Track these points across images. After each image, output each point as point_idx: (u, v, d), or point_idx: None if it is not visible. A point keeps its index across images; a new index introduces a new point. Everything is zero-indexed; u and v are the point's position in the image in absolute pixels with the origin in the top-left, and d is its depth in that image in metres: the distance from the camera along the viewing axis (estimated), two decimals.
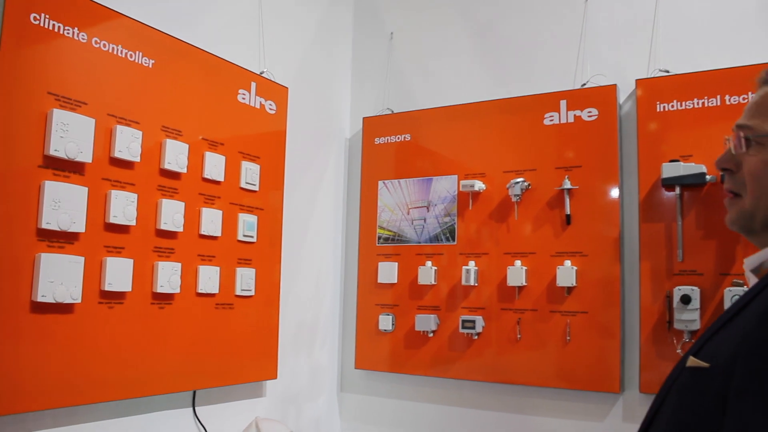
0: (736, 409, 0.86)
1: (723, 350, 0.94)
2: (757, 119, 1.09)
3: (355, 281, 3.19)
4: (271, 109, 2.73)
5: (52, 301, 1.82)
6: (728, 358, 0.91)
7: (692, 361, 0.99)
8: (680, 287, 2.36)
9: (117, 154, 2.05)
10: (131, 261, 2.08)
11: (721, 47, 2.47)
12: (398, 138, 3.14)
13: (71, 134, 1.89)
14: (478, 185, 2.82)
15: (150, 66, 2.21)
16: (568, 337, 2.59)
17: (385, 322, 3.01)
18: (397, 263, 3.04)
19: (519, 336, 2.69)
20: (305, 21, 3.12)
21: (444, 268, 2.92)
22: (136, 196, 2.10)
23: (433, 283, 2.90)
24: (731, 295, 2.23)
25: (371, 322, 3.08)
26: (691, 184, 2.36)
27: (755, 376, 0.86)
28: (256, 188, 2.61)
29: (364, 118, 3.26)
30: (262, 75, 2.72)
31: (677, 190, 2.40)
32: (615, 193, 2.58)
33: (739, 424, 0.85)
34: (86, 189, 1.94)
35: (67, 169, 1.91)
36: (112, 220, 2.02)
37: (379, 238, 3.11)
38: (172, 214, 2.22)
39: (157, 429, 2.25)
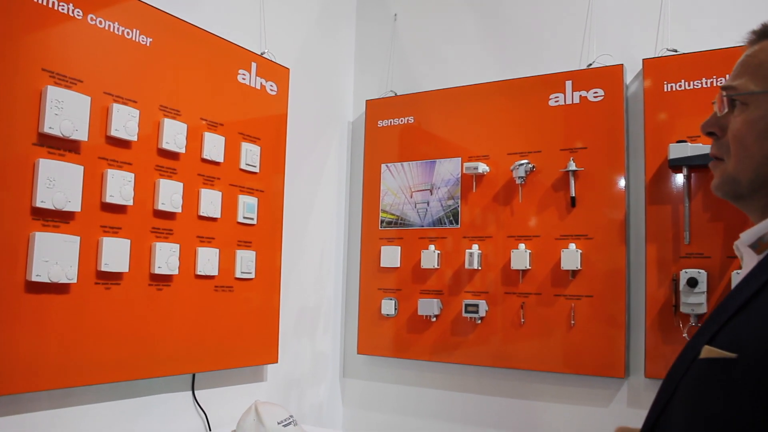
0: None
1: (749, 338, 0.87)
2: (741, 78, 1.04)
3: (357, 265, 3.16)
4: (272, 90, 2.69)
5: (47, 280, 1.80)
6: (762, 347, 0.84)
7: (711, 351, 0.91)
8: (687, 270, 2.32)
9: (114, 133, 2.01)
10: (128, 241, 2.05)
11: (730, 25, 2.41)
12: (401, 121, 3.10)
13: (66, 112, 1.86)
14: (482, 167, 2.78)
15: (148, 44, 2.17)
16: (572, 322, 2.55)
17: (388, 306, 2.98)
18: (399, 247, 3.00)
19: (523, 320, 2.66)
20: (307, 1, 3.07)
21: (447, 251, 2.88)
22: (133, 175, 2.07)
23: (436, 267, 2.87)
24: (739, 278, 2.19)
25: (374, 306, 3.05)
26: (698, 165, 2.31)
27: None
28: (257, 170, 2.58)
29: (367, 100, 3.22)
30: (263, 56, 2.68)
31: (684, 171, 2.36)
32: (621, 175, 2.53)
33: None
34: (82, 168, 1.91)
35: (62, 147, 1.88)
36: (109, 199, 1.99)
37: (382, 221, 3.07)
38: (170, 195, 2.19)
39: (156, 412, 2.23)
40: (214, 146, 2.38)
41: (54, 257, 1.81)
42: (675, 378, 0.99)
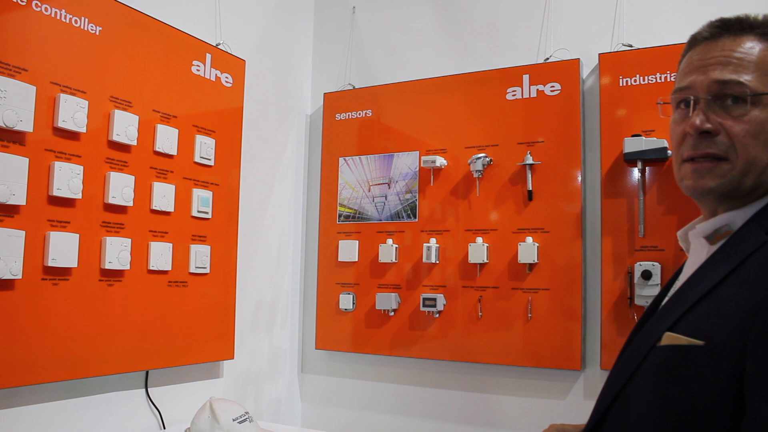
0: (760, 389, 0.80)
1: (716, 326, 0.87)
2: (750, 75, 0.99)
3: (315, 260, 3.13)
4: (227, 82, 2.64)
5: None
6: (730, 334, 0.84)
7: (674, 338, 0.91)
8: (641, 263, 2.34)
9: (61, 124, 1.95)
10: (77, 236, 1.98)
11: (684, 21, 2.43)
12: (360, 114, 3.07)
13: (10, 101, 1.79)
14: (440, 161, 2.77)
15: (97, 33, 2.10)
16: (529, 315, 2.57)
17: (346, 301, 2.96)
18: (357, 241, 2.98)
19: (480, 314, 2.66)
20: None
21: (405, 245, 2.87)
22: (82, 168, 2.00)
23: (394, 261, 2.85)
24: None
25: (332, 301, 3.02)
26: (652, 159, 2.34)
27: None
28: (212, 163, 2.53)
29: (325, 93, 3.19)
30: (218, 47, 2.63)
31: (639, 165, 2.38)
32: (577, 168, 2.55)
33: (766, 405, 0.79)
34: (27, 160, 1.84)
35: (5, 138, 1.81)
36: (56, 192, 1.92)
37: (340, 215, 3.05)
38: (121, 188, 2.13)
39: (108, 411, 2.18)
40: (167, 139, 2.32)
41: None
42: (631, 365, 0.98)
